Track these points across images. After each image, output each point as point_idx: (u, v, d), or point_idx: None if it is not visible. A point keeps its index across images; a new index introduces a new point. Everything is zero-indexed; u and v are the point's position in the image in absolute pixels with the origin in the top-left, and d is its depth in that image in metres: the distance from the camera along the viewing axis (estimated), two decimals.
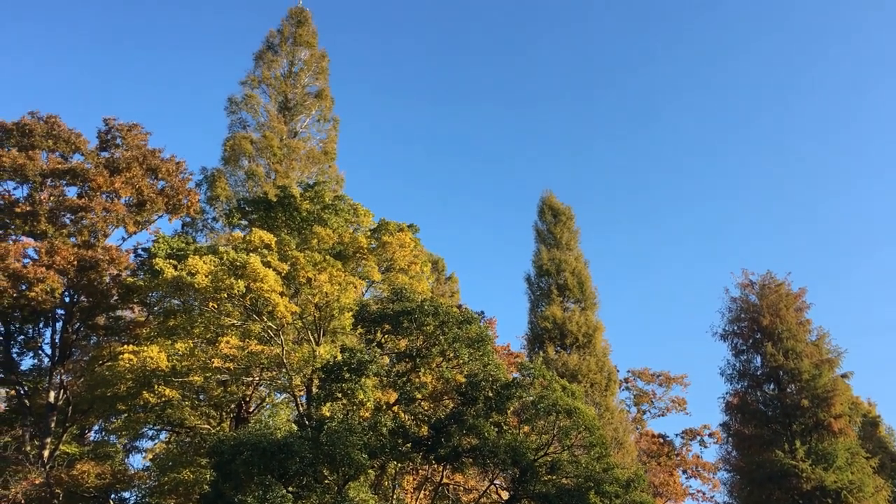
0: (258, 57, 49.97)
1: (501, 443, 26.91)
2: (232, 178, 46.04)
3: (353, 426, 24.86)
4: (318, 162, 48.58)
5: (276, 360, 28.59)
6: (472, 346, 29.05)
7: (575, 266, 52.03)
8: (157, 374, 28.45)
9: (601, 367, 48.29)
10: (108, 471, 31.96)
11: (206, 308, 29.50)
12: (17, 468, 31.83)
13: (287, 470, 23.32)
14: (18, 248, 34.10)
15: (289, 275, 29.23)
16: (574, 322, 49.20)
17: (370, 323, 29.36)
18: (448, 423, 27.37)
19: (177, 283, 28.43)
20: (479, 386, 28.04)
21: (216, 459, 24.06)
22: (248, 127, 47.87)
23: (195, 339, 30.38)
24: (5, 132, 36.85)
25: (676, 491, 60.71)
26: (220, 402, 32.27)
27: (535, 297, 51.94)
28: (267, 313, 28.48)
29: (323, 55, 51.70)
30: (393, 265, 35.11)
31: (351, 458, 23.73)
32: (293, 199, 36.33)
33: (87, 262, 34.13)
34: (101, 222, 36.29)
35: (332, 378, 26.04)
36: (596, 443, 28.85)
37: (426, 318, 28.22)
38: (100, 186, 36.24)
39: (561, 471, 27.84)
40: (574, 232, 54.24)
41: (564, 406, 27.93)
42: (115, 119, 39.20)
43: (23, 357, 38.09)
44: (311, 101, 50.12)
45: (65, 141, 37.39)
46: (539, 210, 54.86)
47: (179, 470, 30.68)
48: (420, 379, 29.27)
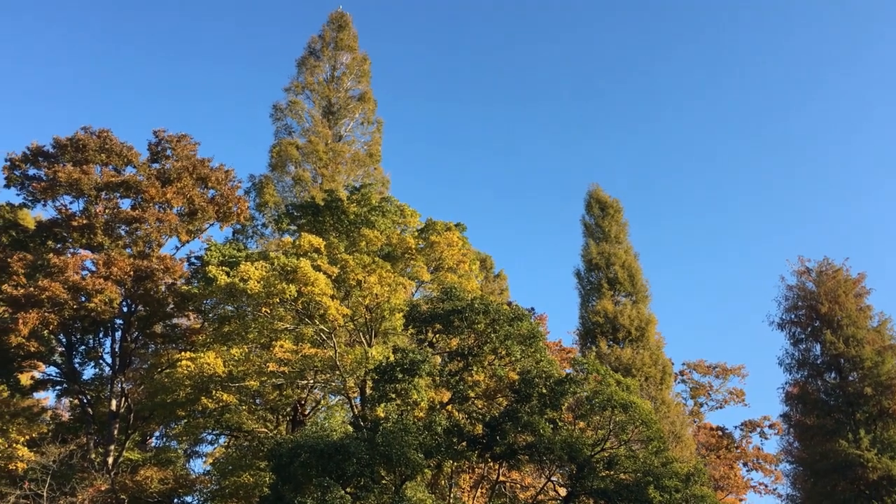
0: (301, 63, 50.48)
1: (557, 439, 26.73)
2: (279, 183, 46.65)
3: (408, 426, 24.93)
4: (363, 164, 48.90)
5: (330, 363, 28.82)
6: (524, 343, 28.91)
7: (625, 259, 51.45)
8: (215, 380, 28.95)
9: (655, 360, 47.69)
10: (170, 476, 32.62)
11: (259, 313, 29.91)
12: (83, 475, 32.67)
13: (344, 471, 23.47)
14: (77, 260, 35.00)
15: (339, 277, 29.45)
16: (626, 316, 48.67)
17: (421, 323, 29.42)
18: (502, 420, 27.27)
19: (230, 290, 28.87)
20: (533, 383, 27.88)
21: (275, 462, 24.34)
22: (293, 133, 48.43)
23: (250, 344, 30.83)
24: (60, 148, 37.84)
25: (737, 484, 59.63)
26: (276, 406, 32.68)
27: (586, 291, 51.50)
28: (319, 316, 28.74)
29: (364, 58, 52.00)
30: (441, 264, 35.15)
31: (407, 458, 23.79)
32: (340, 203, 36.61)
33: (143, 272, 34.86)
34: (154, 232, 37.05)
35: (385, 379, 26.14)
36: (653, 437, 28.49)
37: (477, 317, 28.16)
38: (152, 197, 36.98)
39: (619, 466, 27.55)
40: (622, 224, 53.63)
41: (620, 401, 27.62)
42: (164, 130, 40.01)
43: (85, 367, 39.13)
44: (355, 105, 50.46)
45: (117, 154, 38.24)
46: (586, 204, 54.37)
47: (239, 474, 31.13)
48: (473, 377, 29.22)
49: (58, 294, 32.87)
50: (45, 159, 38.03)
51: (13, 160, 38.16)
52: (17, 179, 38.24)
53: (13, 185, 38.38)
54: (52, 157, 37.95)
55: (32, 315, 32.59)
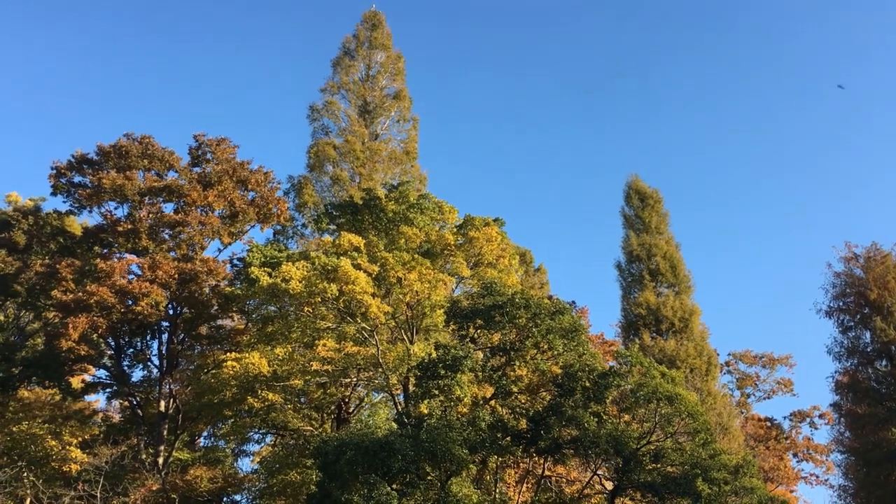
0: (336, 63, 50.78)
1: (602, 433, 26.56)
2: (318, 184, 47.04)
3: (451, 422, 24.98)
4: (400, 162, 49.07)
5: (373, 361, 28.98)
6: (566, 337, 28.76)
7: (666, 250, 50.89)
8: (260, 380, 29.30)
9: (700, 351, 47.13)
10: (219, 475, 33.11)
11: (301, 313, 30.18)
12: (135, 475, 33.32)
13: (390, 468, 23.59)
14: (123, 265, 35.67)
15: (379, 276, 29.59)
16: (669, 307, 48.16)
17: (462, 319, 29.43)
18: (546, 415, 27.18)
19: (272, 290, 29.18)
20: (576, 376, 27.73)
21: (321, 460, 24.56)
22: (330, 133, 48.78)
23: (293, 343, 31.14)
24: (104, 155, 38.56)
25: (788, 475, 58.61)
26: (320, 404, 32.97)
27: (627, 283, 51.07)
28: (360, 315, 28.91)
29: (399, 56, 52.14)
30: (481, 260, 35.09)
31: (452, 453, 23.84)
32: (378, 201, 36.76)
33: (188, 275, 35.39)
34: (197, 235, 37.59)
35: (428, 375, 26.21)
36: (700, 429, 28.15)
37: (518, 311, 28.08)
38: (194, 201, 37.52)
39: (665, 459, 27.29)
40: (663, 215, 53.05)
41: (665, 393, 27.33)
42: (204, 135, 40.54)
43: (133, 369, 39.88)
44: (390, 103, 50.62)
45: (159, 159, 38.86)
46: (625, 195, 53.89)
47: (286, 472, 31.48)
48: (515, 372, 29.17)
49: (106, 298, 33.53)
50: (90, 166, 38.79)
51: (59, 168, 39.00)
52: (63, 187, 39.08)
53: (60, 193, 39.24)
54: (97, 164, 38.69)
55: (82, 319, 33.29)
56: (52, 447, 33.06)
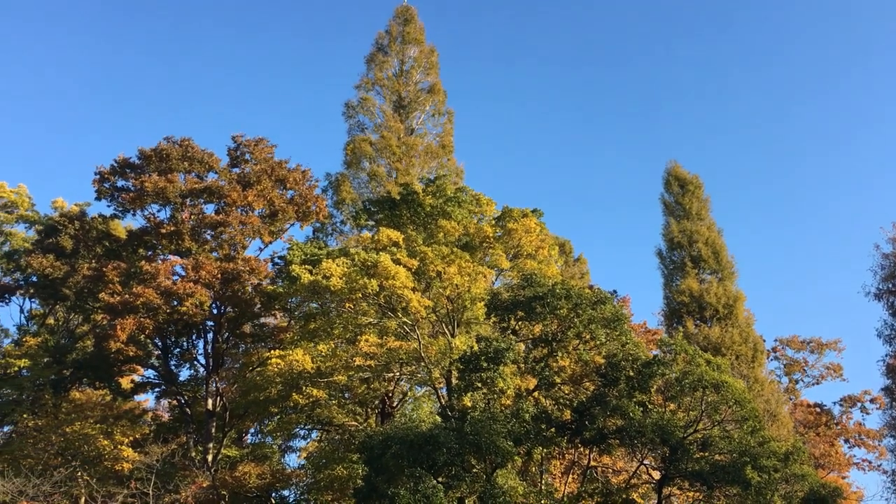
0: (370, 59, 50.94)
1: (648, 422, 26.32)
2: (355, 180, 47.28)
3: (495, 415, 24.97)
4: (436, 156, 49.10)
5: (415, 355, 29.10)
6: (609, 327, 28.55)
7: (708, 236, 50.20)
8: (304, 376, 29.60)
9: (745, 337, 46.45)
10: (267, 471, 33.53)
11: (342, 309, 30.40)
12: (185, 473, 33.94)
13: (435, 461, 23.67)
14: (167, 266, 36.29)
15: (419, 270, 29.66)
16: (712, 294, 47.52)
17: (503, 311, 29.36)
18: (591, 405, 27.03)
19: (313, 288, 29.43)
20: (620, 366, 27.53)
21: (367, 455, 24.74)
22: (365, 129, 48.97)
23: (335, 339, 31.39)
24: (145, 158, 39.23)
25: (839, 461, 57.55)
26: (364, 399, 33.20)
27: (669, 271, 50.49)
28: (401, 309, 29.03)
29: (432, 50, 52.13)
30: (520, 252, 35.00)
31: (496, 446, 23.84)
32: (416, 196, 36.83)
33: (230, 275, 35.87)
34: (238, 235, 38.07)
35: (470, 368, 26.22)
36: (748, 416, 27.75)
37: (559, 302, 27.94)
38: (234, 201, 38.00)
39: (713, 447, 26.98)
40: (704, 201, 52.29)
41: (711, 380, 27.00)
42: (242, 135, 41.03)
43: (181, 369, 40.62)
44: (425, 97, 50.65)
45: (199, 161, 39.41)
46: (665, 181, 53.22)
47: (333, 467, 31.75)
48: (558, 363, 29.05)
49: (152, 300, 34.15)
50: (132, 170, 39.48)
51: (102, 173, 39.76)
52: (107, 192, 39.84)
53: (104, 198, 40.01)
54: (139, 168, 39.37)
55: (129, 321, 33.95)
56: (105, 447, 33.82)
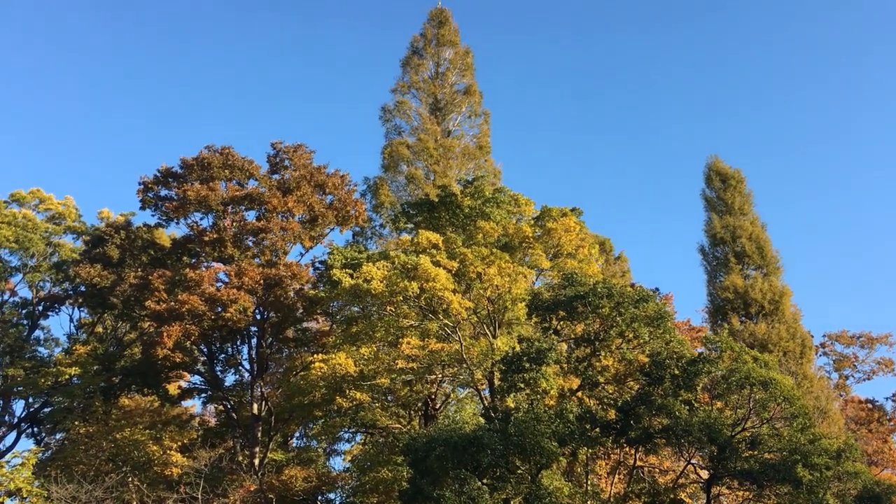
0: (405, 62, 51.16)
1: (694, 421, 25.95)
2: (393, 183, 47.51)
3: (539, 415, 24.83)
4: (473, 157, 49.12)
5: (457, 357, 29.09)
6: (652, 325, 28.23)
7: (751, 231, 49.43)
8: (347, 380, 29.78)
9: (793, 333, 45.62)
10: (312, 474, 33.83)
11: (384, 312, 30.53)
12: (233, 477, 34.35)
13: (480, 463, 23.61)
14: (211, 273, 36.82)
15: (459, 271, 29.66)
16: (757, 289, 46.77)
17: (544, 311, 29.19)
18: (635, 404, 26.73)
19: (354, 291, 29.61)
20: (664, 364, 27.18)
21: (411, 457, 24.76)
22: (402, 132, 49.20)
23: (377, 342, 31.53)
24: (187, 167, 39.86)
25: (893, 458, 56.17)
26: (407, 402, 33.31)
27: (712, 267, 49.84)
28: (442, 311, 29.05)
29: (467, 51, 52.18)
30: (560, 251, 34.83)
31: (541, 446, 23.71)
32: (454, 198, 36.85)
33: (272, 280, 36.26)
34: (279, 241, 38.50)
35: (512, 369, 26.11)
36: (797, 413, 27.21)
37: (600, 301, 27.69)
38: (275, 207, 38.42)
39: (762, 445, 26.50)
40: (746, 195, 51.51)
41: (758, 378, 26.53)
42: (281, 142, 41.46)
43: (226, 374, 41.17)
44: (461, 99, 50.72)
45: (239, 169, 39.94)
46: (706, 176, 52.53)
47: (378, 469, 31.91)
48: (601, 362, 28.82)
49: (196, 306, 34.66)
50: (175, 179, 40.16)
51: (146, 183, 40.49)
52: (150, 201, 40.57)
53: (148, 207, 40.75)
54: (181, 177, 40.02)
55: (175, 328, 34.50)
56: (154, 452, 34.41)
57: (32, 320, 47.15)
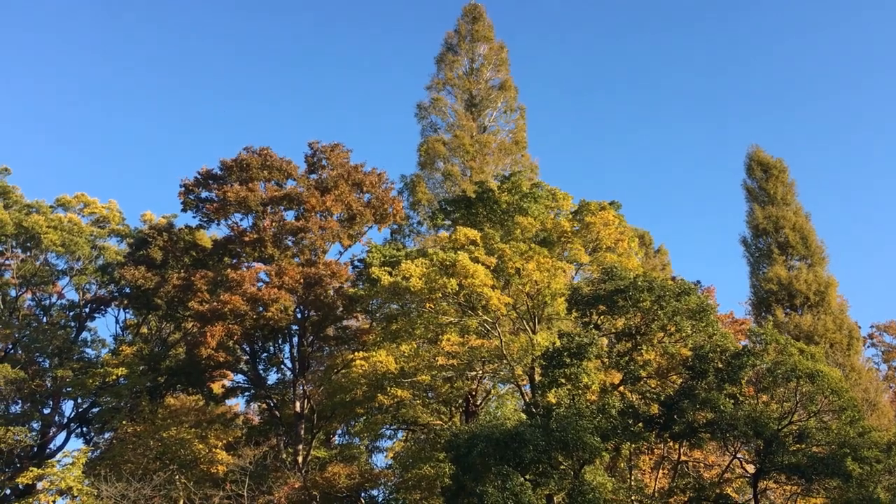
0: (439, 59, 51.14)
1: (740, 414, 25.59)
2: (430, 181, 47.56)
3: (581, 410, 24.69)
4: (510, 153, 48.97)
5: (497, 353, 29.05)
6: (694, 318, 27.91)
7: (795, 221, 48.53)
8: (388, 377, 29.91)
9: (839, 325, 44.71)
10: (355, 471, 34.02)
11: (423, 309, 30.58)
12: (277, 474, 34.74)
13: (522, 458, 23.56)
14: (252, 273, 37.25)
15: (497, 267, 29.60)
16: (802, 281, 45.92)
17: (584, 305, 29.01)
18: (679, 398, 26.43)
19: (394, 289, 29.70)
20: (707, 358, 26.83)
21: (453, 453, 24.80)
22: (438, 129, 49.22)
23: (417, 339, 31.61)
24: (227, 169, 40.35)
25: None
26: (448, 398, 33.36)
27: (755, 258, 49.03)
28: (481, 307, 29.02)
29: (501, 46, 52.00)
30: (599, 245, 34.58)
31: (583, 442, 23.58)
32: (491, 193, 36.78)
33: (312, 279, 36.55)
34: (318, 240, 38.79)
35: (553, 364, 26.00)
36: (846, 406, 26.68)
37: (641, 295, 27.43)
38: (313, 207, 38.71)
39: (810, 439, 26.03)
40: (789, 185, 50.53)
41: (805, 370, 26.05)
42: (318, 142, 41.78)
43: (268, 373, 41.64)
44: (496, 94, 50.58)
45: (277, 169, 40.31)
46: (747, 167, 51.66)
47: (420, 466, 31.99)
48: (643, 357, 28.55)
49: (238, 306, 35.08)
50: (215, 181, 40.67)
51: (187, 185, 41.07)
52: (192, 203, 41.14)
53: (189, 209, 41.33)
54: (221, 179, 40.51)
55: (218, 328, 34.96)
56: (200, 450, 34.93)
57: (80, 322, 48.14)
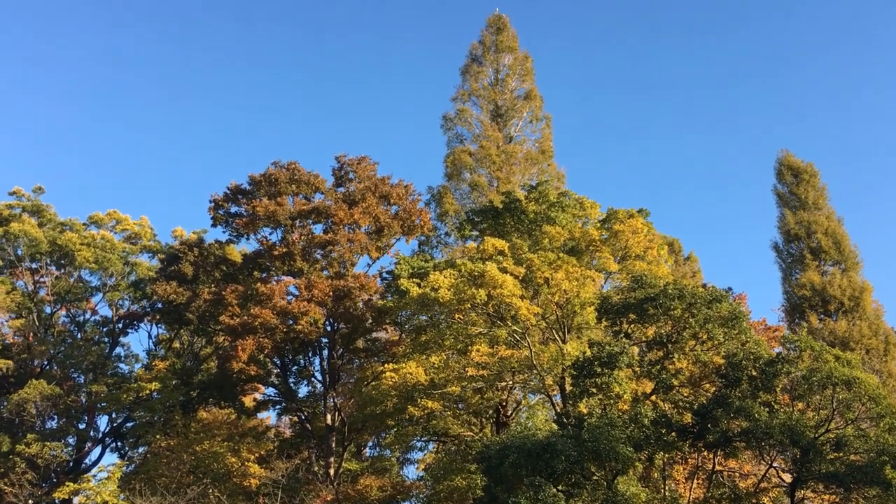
0: (464, 70, 51.33)
1: (775, 423, 25.19)
2: (457, 192, 47.67)
3: (613, 420, 24.49)
4: (536, 162, 48.96)
5: (527, 363, 28.95)
6: (726, 325, 27.59)
7: (827, 226, 47.99)
8: (418, 389, 29.92)
9: (875, 330, 44.07)
10: (387, 483, 34.07)
11: (452, 320, 30.59)
12: (309, 487, 34.84)
13: (554, 469, 23.41)
14: (282, 287, 37.50)
15: (526, 277, 29.55)
16: (836, 286, 45.33)
17: (614, 314, 28.81)
18: (712, 407, 26.10)
19: (422, 300, 29.76)
20: (741, 365, 26.51)
21: (485, 465, 24.71)
22: (464, 140, 49.36)
23: (447, 351, 31.60)
24: (255, 184, 40.73)
25: None
26: (478, 409, 33.28)
27: (787, 264, 48.54)
28: (510, 317, 28.96)
29: (526, 56, 52.08)
30: (628, 253, 34.40)
31: (616, 452, 23.37)
32: (518, 203, 36.76)
33: (341, 292, 36.71)
34: (347, 253, 38.97)
35: (584, 374, 25.84)
36: (884, 413, 26.14)
37: (672, 303, 27.19)
38: (341, 220, 38.91)
39: (848, 447, 25.55)
40: (820, 189, 50.03)
41: (841, 377, 25.60)
42: (345, 155, 42.04)
43: (299, 385, 41.86)
44: (521, 104, 50.63)
45: (305, 183, 40.60)
46: (777, 171, 51.25)
47: (451, 477, 31.92)
48: (675, 365, 28.25)
49: (269, 320, 35.32)
50: (244, 196, 41.06)
51: (216, 201, 41.50)
52: (221, 218, 41.56)
53: (219, 224, 41.75)
54: (249, 194, 40.90)
55: (249, 341, 35.22)
56: (233, 463, 35.15)
57: (113, 338, 48.74)
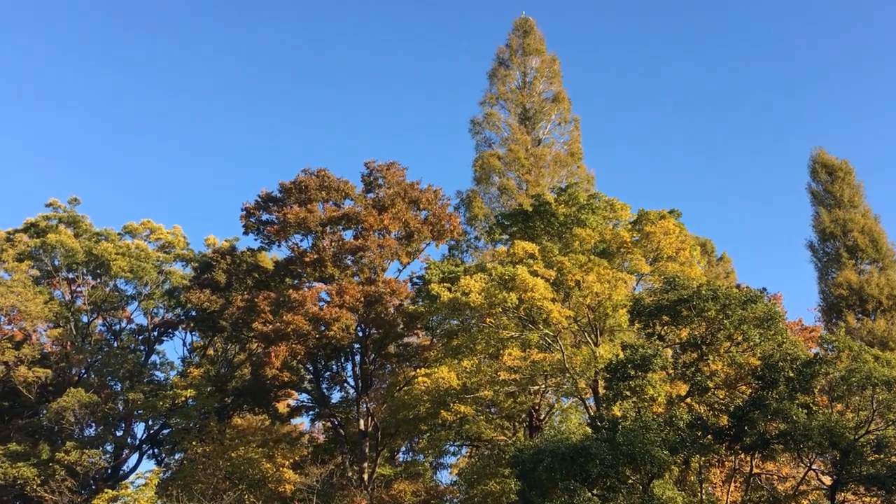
0: (492, 74, 51.33)
1: (814, 425, 24.78)
2: (486, 195, 47.67)
3: (648, 423, 24.26)
4: (565, 165, 48.78)
5: (559, 366, 28.81)
6: (761, 326, 27.22)
7: (864, 223, 47.22)
8: (450, 393, 29.92)
9: None
10: (421, 488, 34.07)
11: (483, 324, 30.54)
12: (343, 492, 34.95)
13: (589, 473, 23.25)
14: (314, 293, 37.71)
15: (556, 280, 29.41)
16: (874, 285, 44.57)
17: (646, 316, 28.55)
18: (749, 409, 25.75)
19: (453, 305, 29.74)
20: (777, 367, 26.12)
21: (518, 469, 24.61)
22: (493, 144, 49.35)
23: (479, 355, 31.57)
24: (286, 191, 41.04)
25: None
26: (511, 413, 33.17)
27: (823, 263, 47.84)
28: (542, 321, 28.85)
29: (553, 59, 51.95)
30: (660, 255, 34.10)
31: (651, 455, 23.15)
32: (548, 206, 36.63)
33: (372, 297, 36.83)
34: (377, 258, 39.09)
35: (617, 377, 25.64)
36: None
37: (705, 304, 26.88)
38: (371, 226, 39.07)
39: (889, 448, 25.03)
40: (856, 187, 49.26)
41: (881, 377, 25.12)
42: (374, 161, 42.19)
43: (332, 391, 42.01)
44: (549, 107, 50.52)
45: (335, 190, 40.83)
46: (811, 169, 50.57)
47: (485, 482, 31.85)
48: (710, 367, 27.91)
49: (301, 326, 35.53)
50: (275, 203, 41.39)
51: (248, 209, 41.89)
52: (253, 226, 41.94)
53: (250, 232, 42.12)
54: (280, 201, 41.21)
55: (282, 348, 35.46)
56: (268, 469, 35.39)
57: (149, 346, 49.37)
